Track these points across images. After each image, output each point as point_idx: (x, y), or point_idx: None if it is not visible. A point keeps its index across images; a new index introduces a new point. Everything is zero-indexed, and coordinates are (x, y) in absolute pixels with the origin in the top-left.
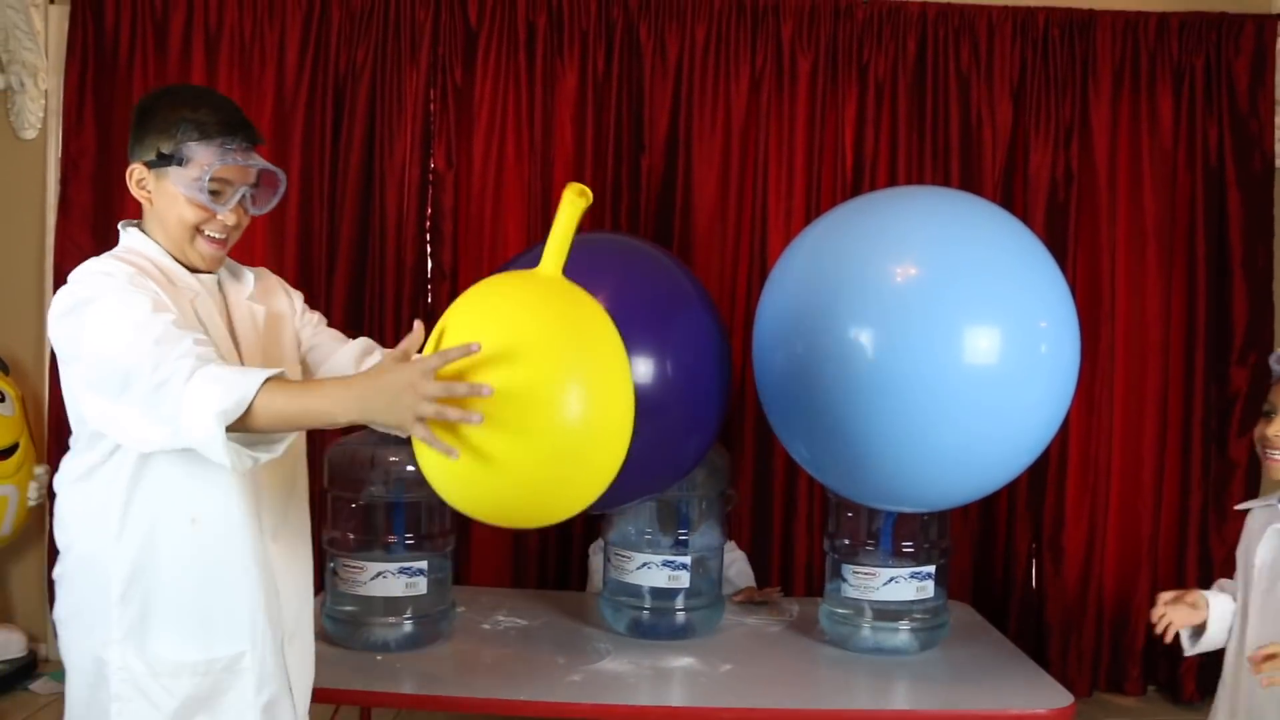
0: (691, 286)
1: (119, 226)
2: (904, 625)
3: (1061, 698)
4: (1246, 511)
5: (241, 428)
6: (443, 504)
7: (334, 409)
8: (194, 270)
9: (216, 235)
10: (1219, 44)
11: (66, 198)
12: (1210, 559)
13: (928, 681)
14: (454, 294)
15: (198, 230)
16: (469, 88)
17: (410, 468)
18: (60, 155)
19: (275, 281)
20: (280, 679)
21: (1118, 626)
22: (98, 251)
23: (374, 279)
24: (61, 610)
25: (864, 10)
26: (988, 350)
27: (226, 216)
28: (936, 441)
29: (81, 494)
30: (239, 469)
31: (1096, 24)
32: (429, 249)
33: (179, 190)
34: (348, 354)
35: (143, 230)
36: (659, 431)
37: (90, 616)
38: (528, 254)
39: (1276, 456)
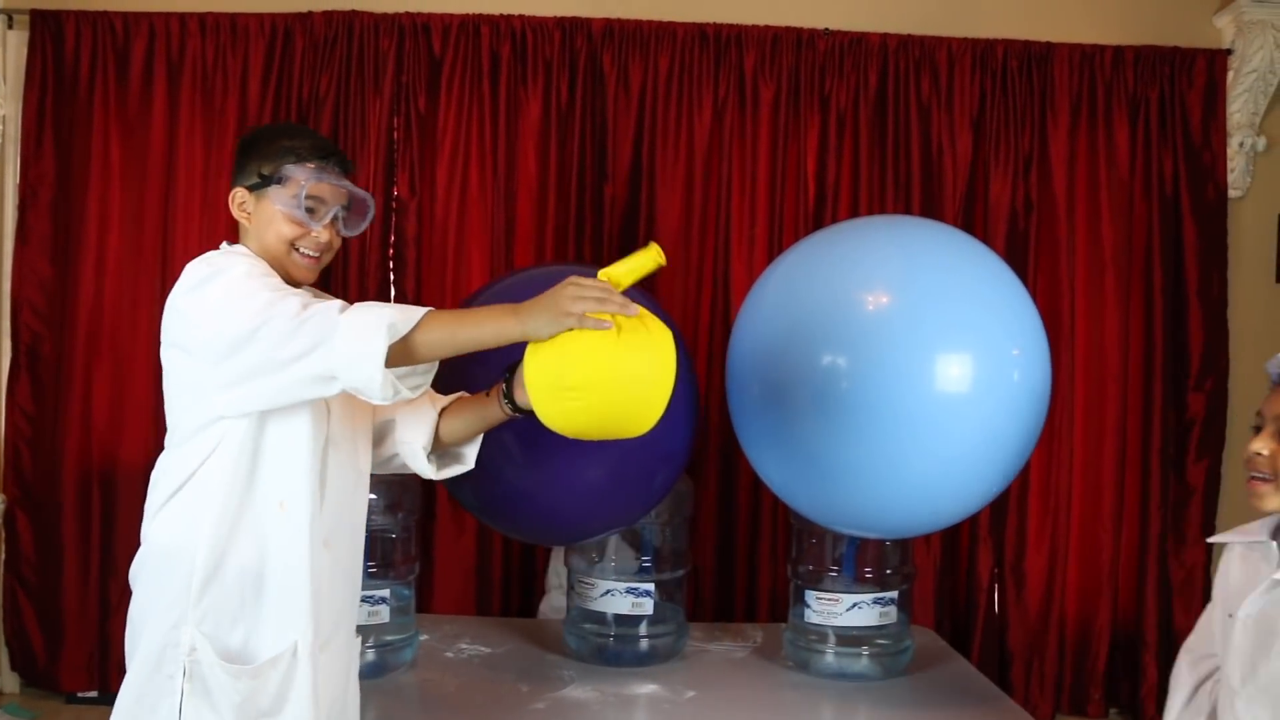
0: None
1: (221, 247)
2: (867, 651)
3: None
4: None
5: (403, 353)
6: (406, 532)
7: (497, 322)
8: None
9: (311, 252)
10: (1173, 77)
11: (25, 225)
12: (1169, 583)
13: (891, 707)
14: None
15: (293, 246)
16: (432, 116)
17: (373, 495)
18: (18, 182)
19: None
20: (313, 681)
21: (1079, 650)
22: (57, 280)
23: None
24: (138, 600)
25: (825, 41)
26: (960, 378)
27: (320, 233)
28: (908, 470)
29: (185, 488)
30: (381, 396)
31: (1054, 56)
32: (392, 277)
33: (278, 208)
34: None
35: (248, 249)
36: (627, 464)
37: (166, 600)
38: (495, 285)
39: (1256, 480)
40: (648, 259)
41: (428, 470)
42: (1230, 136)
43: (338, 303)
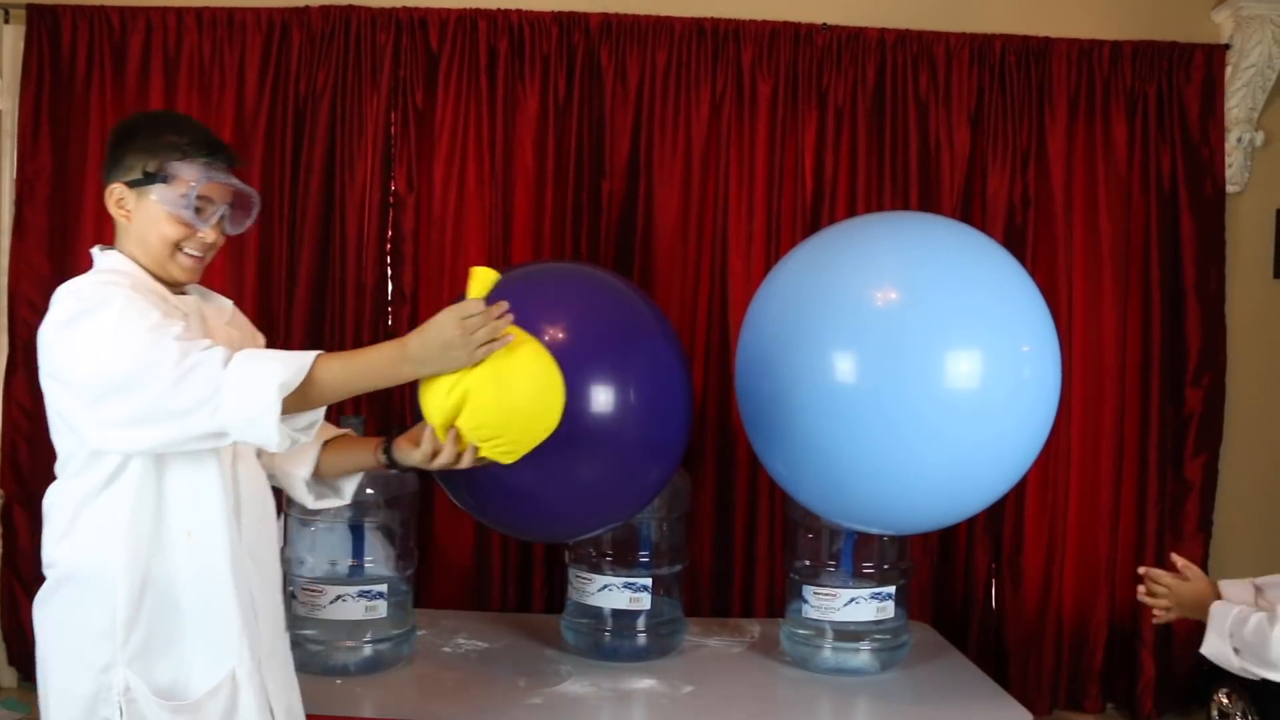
0: (651, 315)
1: (94, 251)
2: (865, 646)
3: (1021, 716)
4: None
5: (294, 404)
6: (404, 527)
7: (393, 363)
8: (174, 288)
9: (195, 252)
10: (1170, 72)
11: (22, 220)
12: None
13: (889, 701)
14: (414, 316)
15: (178, 247)
16: (430, 111)
17: (370, 490)
18: (15, 178)
19: (243, 317)
20: (261, 701)
21: (1076, 645)
22: (54, 276)
23: (334, 301)
24: (48, 638)
25: (824, 36)
26: (970, 375)
27: (206, 233)
28: (918, 467)
29: (85, 518)
30: (278, 446)
31: (1052, 52)
32: (389, 272)
33: (164, 208)
34: None
35: (120, 252)
36: (623, 460)
37: (89, 640)
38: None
39: None
40: (487, 278)
41: (305, 500)
42: (1228, 132)
43: (219, 352)
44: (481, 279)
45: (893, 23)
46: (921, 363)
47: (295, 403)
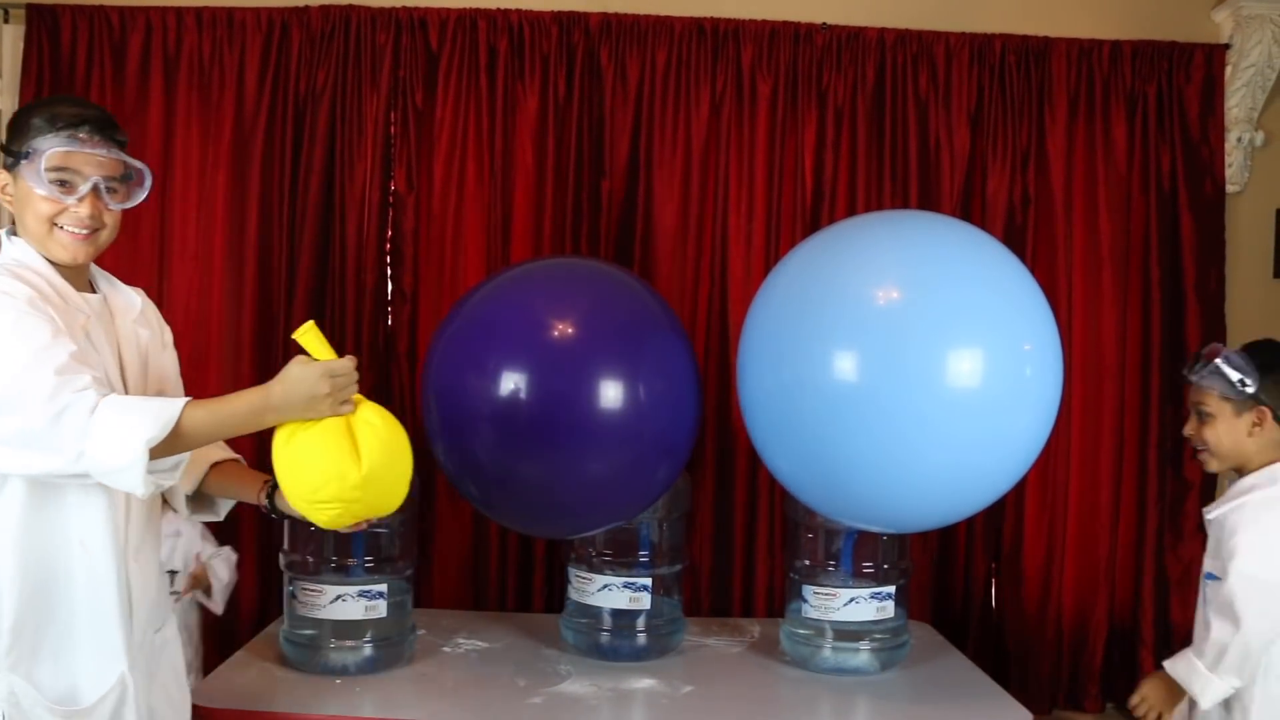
0: (661, 311)
1: (0, 235)
2: (864, 645)
3: (1020, 715)
4: (1206, 533)
5: (165, 448)
6: (403, 527)
7: (256, 412)
8: (78, 281)
9: (75, 228)
10: (1170, 72)
11: None
12: (1166, 578)
13: (889, 701)
14: (414, 316)
15: (53, 224)
16: (430, 111)
17: None
18: None
19: (154, 310)
20: (142, 704)
21: (1076, 645)
22: None
23: (334, 301)
24: None
25: (823, 36)
26: (972, 373)
27: (79, 208)
28: (919, 465)
29: None
30: (143, 494)
31: (1051, 51)
32: (389, 271)
33: (30, 185)
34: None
35: (24, 239)
36: (631, 457)
37: None
38: (494, 279)
39: (1200, 452)
40: (319, 335)
41: (181, 511)
42: (1228, 131)
43: (89, 398)
44: (317, 337)
45: (892, 22)
46: (923, 361)
47: (161, 450)
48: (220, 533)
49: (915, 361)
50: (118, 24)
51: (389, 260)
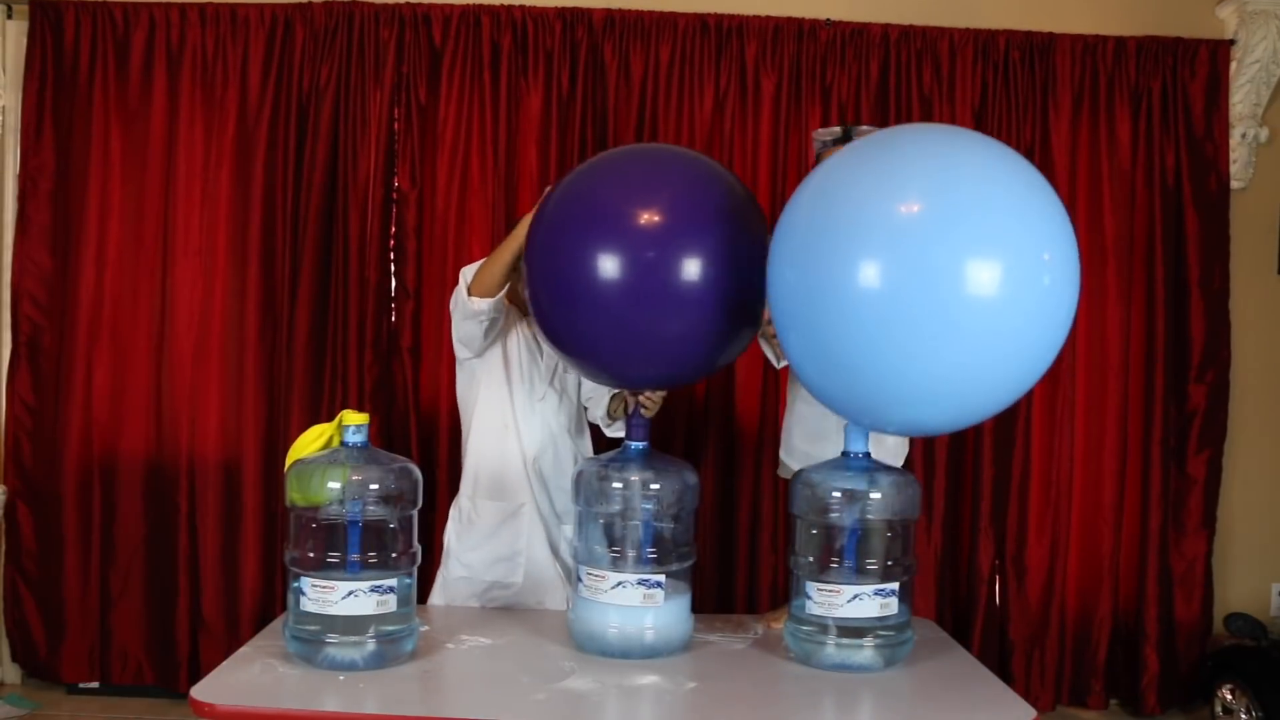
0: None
1: None
2: (868, 642)
3: (1025, 712)
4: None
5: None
6: (407, 523)
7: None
8: None
9: None
10: (1175, 68)
11: (25, 216)
12: (1170, 574)
13: (892, 698)
14: (417, 312)
15: None
16: (433, 107)
17: (375, 486)
18: (18, 173)
19: None
20: None
21: (1080, 641)
22: (57, 271)
23: (337, 297)
24: None
25: (827, 31)
26: (991, 281)
27: None
28: (938, 368)
29: None
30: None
31: (1056, 47)
32: (392, 268)
33: None
34: None
35: None
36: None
37: None
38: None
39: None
40: None
41: None
42: (1233, 128)
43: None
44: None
45: (896, 18)
46: (944, 267)
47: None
48: (223, 531)
49: (936, 267)
50: (121, 20)
51: (392, 256)
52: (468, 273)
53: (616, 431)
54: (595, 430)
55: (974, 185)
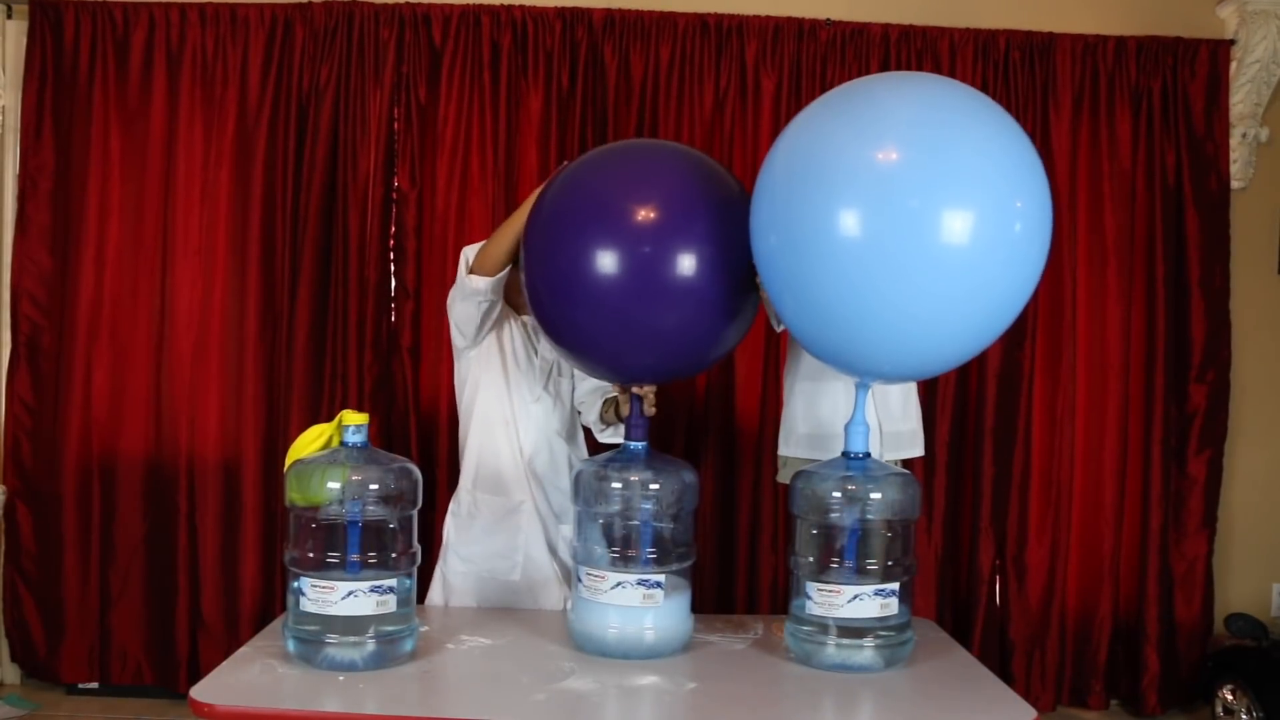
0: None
1: None
2: (868, 642)
3: (1025, 712)
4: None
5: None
6: (406, 523)
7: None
8: None
9: None
10: (1175, 68)
11: (24, 216)
12: (1170, 574)
13: (893, 698)
14: (417, 312)
15: None
16: (433, 107)
17: (375, 486)
18: (18, 173)
19: None
20: None
21: (1080, 641)
22: (57, 271)
23: (337, 297)
24: None
25: (827, 31)
26: (963, 230)
27: None
28: (915, 314)
29: None
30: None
31: (1056, 47)
32: (392, 268)
33: None
34: None
35: None
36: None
37: None
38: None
39: None
40: None
41: None
42: (1233, 127)
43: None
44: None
45: (896, 18)
46: (920, 215)
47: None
48: (222, 531)
49: (910, 215)
50: (121, 20)
51: (392, 256)
52: (469, 252)
53: (609, 437)
54: (588, 436)
55: (946, 132)
